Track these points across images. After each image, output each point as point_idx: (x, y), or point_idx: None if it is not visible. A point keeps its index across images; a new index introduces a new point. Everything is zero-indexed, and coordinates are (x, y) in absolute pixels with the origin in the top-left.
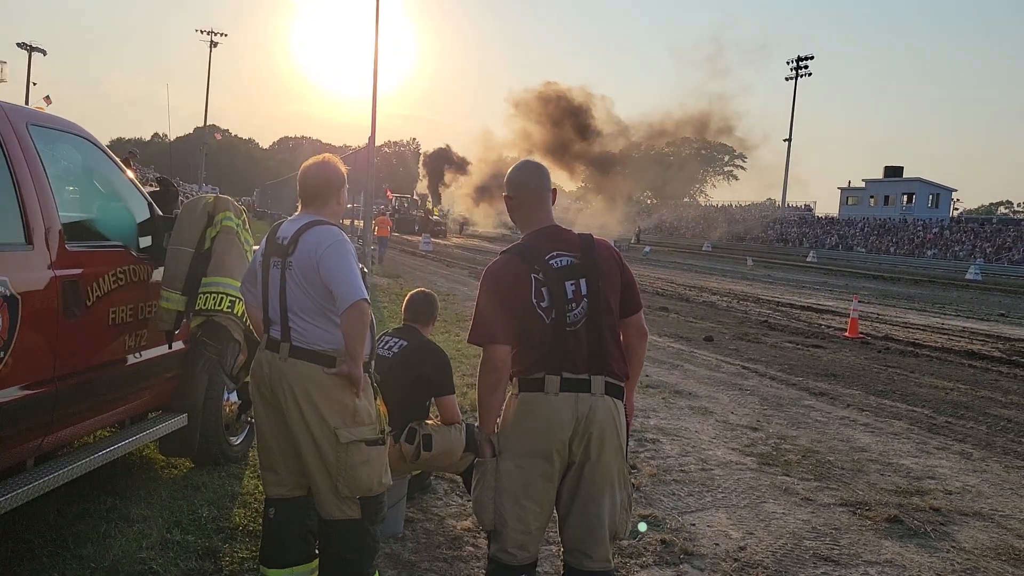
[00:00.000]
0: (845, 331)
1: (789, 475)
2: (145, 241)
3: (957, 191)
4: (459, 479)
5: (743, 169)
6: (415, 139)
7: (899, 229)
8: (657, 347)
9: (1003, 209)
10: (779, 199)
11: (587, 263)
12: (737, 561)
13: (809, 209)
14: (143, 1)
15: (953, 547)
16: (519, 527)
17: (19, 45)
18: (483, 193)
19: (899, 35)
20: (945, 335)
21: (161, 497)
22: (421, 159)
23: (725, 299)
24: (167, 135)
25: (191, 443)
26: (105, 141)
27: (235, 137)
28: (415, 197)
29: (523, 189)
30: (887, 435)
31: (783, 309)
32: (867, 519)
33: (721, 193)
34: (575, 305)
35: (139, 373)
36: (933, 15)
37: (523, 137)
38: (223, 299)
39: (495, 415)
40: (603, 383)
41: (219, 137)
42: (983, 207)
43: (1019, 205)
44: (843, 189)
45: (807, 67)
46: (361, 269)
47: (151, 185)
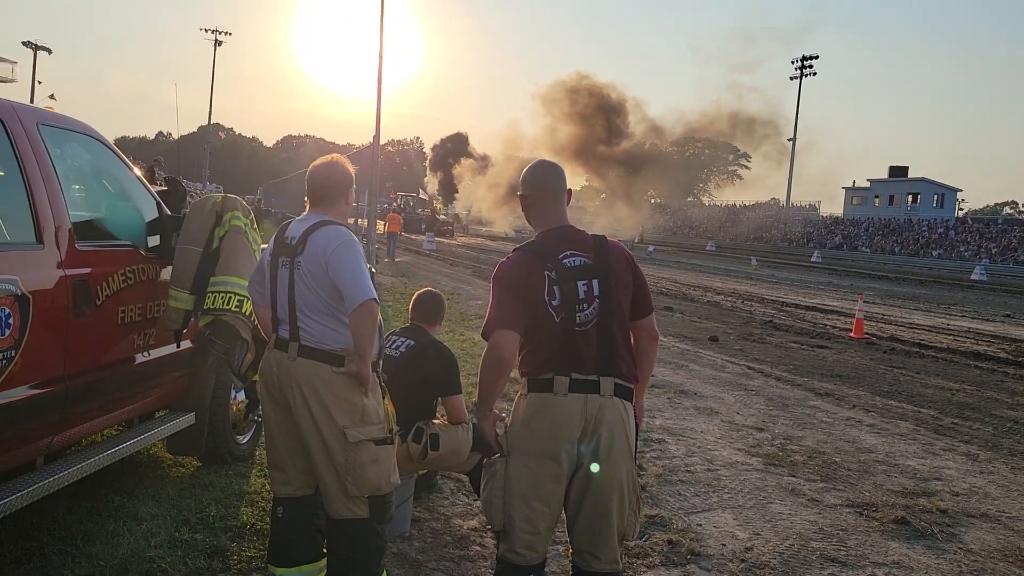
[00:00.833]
0: (850, 331)
1: (795, 476)
2: (154, 240)
3: (962, 191)
4: (466, 478)
5: (747, 168)
6: (419, 138)
7: (904, 229)
8: (662, 347)
9: (1008, 209)
10: (783, 199)
11: (600, 264)
12: (744, 562)
13: (814, 209)
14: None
15: (960, 549)
16: (528, 527)
17: (24, 44)
18: (512, 192)
19: (902, 34)
20: (951, 336)
21: (169, 496)
22: (431, 147)
23: (730, 299)
24: (171, 134)
25: (199, 442)
26: (109, 140)
27: (239, 136)
28: (421, 195)
29: (538, 189)
30: (893, 436)
31: (788, 309)
32: (874, 520)
33: (726, 193)
34: (586, 305)
35: (147, 372)
36: (938, 14)
37: (550, 133)
38: (231, 298)
39: (495, 398)
40: (612, 384)
41: (223, 136)
42: (989, 207)
43: None
44: (848, 189)
45: (811, 66)
46: (369, 269)
47: (159, 184)
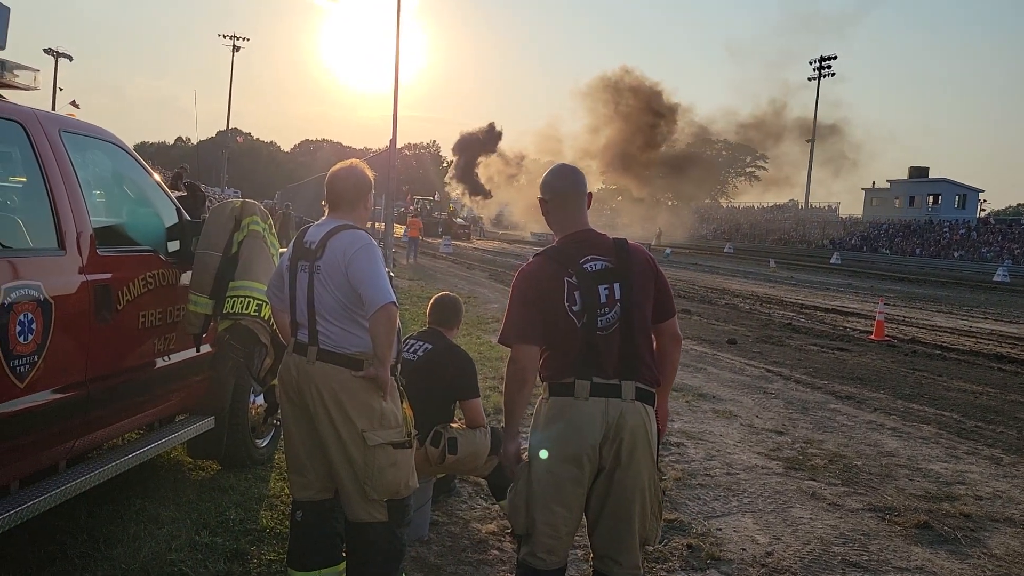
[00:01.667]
0: (871, 334)
1: (816, 480)
2: (174, 245)
3: (984, 192)
4: (483, 482)
5: (764, 170)
6: (435, 141)
7: (925, 230)
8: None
9: None
10: (802, 200)
11: (621, 268)
12: (764, 567)
13: (833, 210)
14: (165, 6)
15: (984, 554)
16: (549, 531)
17: (46, 51)
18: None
19: (923, 33)
20: (973, 338)
21: (189, 499)
22: (455, 143)
23: (748, 301)
24: (190, 139)
25: (218, 446)
26: (129, 145)
27: (256, 140)
28: (437, 199)
29: (558, 193)
30: (915, 439)
31: (807, 312)
32: (896, 525)
33: (744, 195)
34: (607, 309)
35: (168, 376)
36: (958, 13)
37: (592, 131)
38: (250, 303)
39: (520, 415)
40: (633, 388)
41: (241, 140)
42: (1011, 208)
43: None
44: (867, 190)
45: (830, 67)
46: (388, 272)
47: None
